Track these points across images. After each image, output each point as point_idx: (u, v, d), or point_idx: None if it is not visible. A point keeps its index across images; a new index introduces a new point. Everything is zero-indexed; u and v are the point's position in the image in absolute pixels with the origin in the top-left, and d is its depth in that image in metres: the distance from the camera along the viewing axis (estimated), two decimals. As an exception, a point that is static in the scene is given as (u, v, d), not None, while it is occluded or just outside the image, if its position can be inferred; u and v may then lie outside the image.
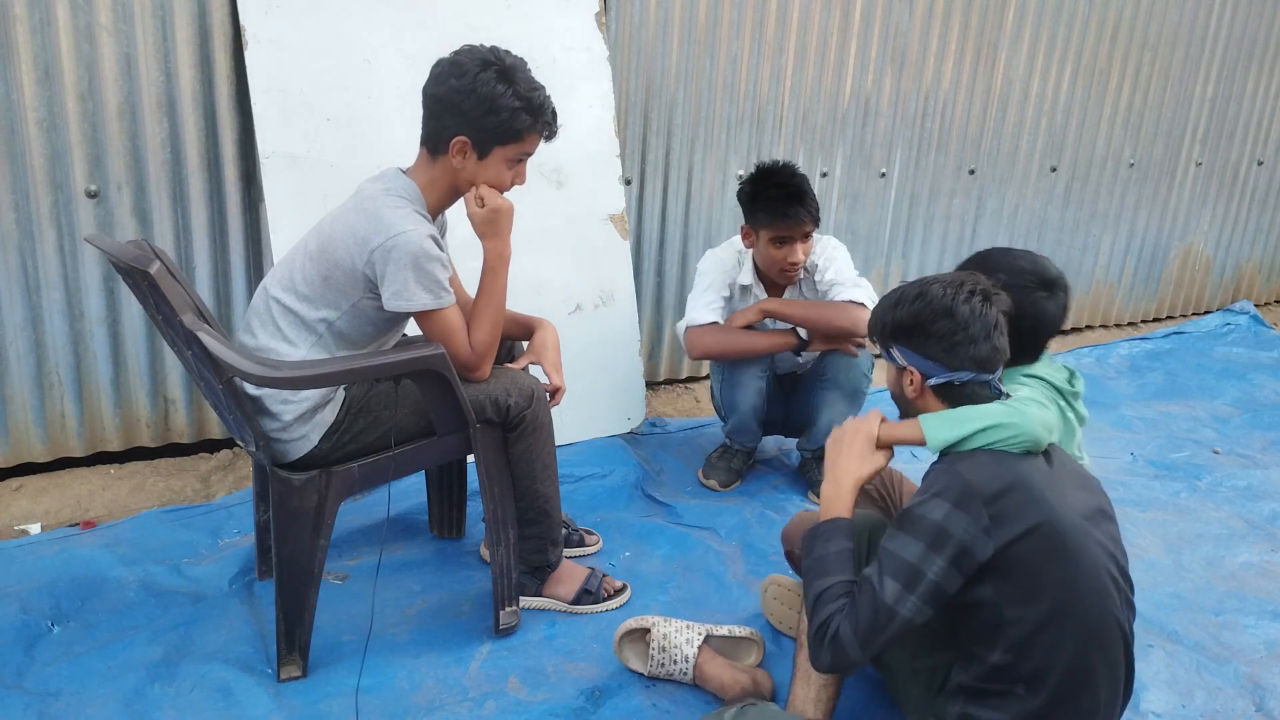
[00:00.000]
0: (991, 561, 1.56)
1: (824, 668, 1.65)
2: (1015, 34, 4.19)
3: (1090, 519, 1.64)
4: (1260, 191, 5.33)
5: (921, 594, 1.57)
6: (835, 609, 1.62)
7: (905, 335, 1.73)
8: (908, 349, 1.73)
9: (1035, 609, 1.56)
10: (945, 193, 4.27)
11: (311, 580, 2.05)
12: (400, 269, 1.95)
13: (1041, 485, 1.58)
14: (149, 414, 2.96)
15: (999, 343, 1.70)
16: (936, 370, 1.70)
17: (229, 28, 2.76)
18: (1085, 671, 1.58)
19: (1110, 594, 1.61)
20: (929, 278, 1.77)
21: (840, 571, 1.67)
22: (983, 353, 1.68)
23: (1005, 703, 1.61)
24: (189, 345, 1.88)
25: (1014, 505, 1.55)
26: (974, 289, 1.71)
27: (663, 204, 3.63)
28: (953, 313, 1.68)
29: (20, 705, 1.95)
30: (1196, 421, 3.84)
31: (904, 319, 1.73)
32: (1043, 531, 1.55)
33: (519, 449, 2.20)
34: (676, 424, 3.50)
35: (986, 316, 1.69)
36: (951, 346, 1.68)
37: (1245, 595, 2.63)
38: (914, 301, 1.72)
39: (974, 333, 1.67)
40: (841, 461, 1.78)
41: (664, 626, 2.14)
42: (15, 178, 2.62)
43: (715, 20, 3.49)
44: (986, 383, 1.71)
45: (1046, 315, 1.99)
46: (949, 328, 1.68)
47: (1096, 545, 1.61)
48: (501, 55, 2.01)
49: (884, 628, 1.58)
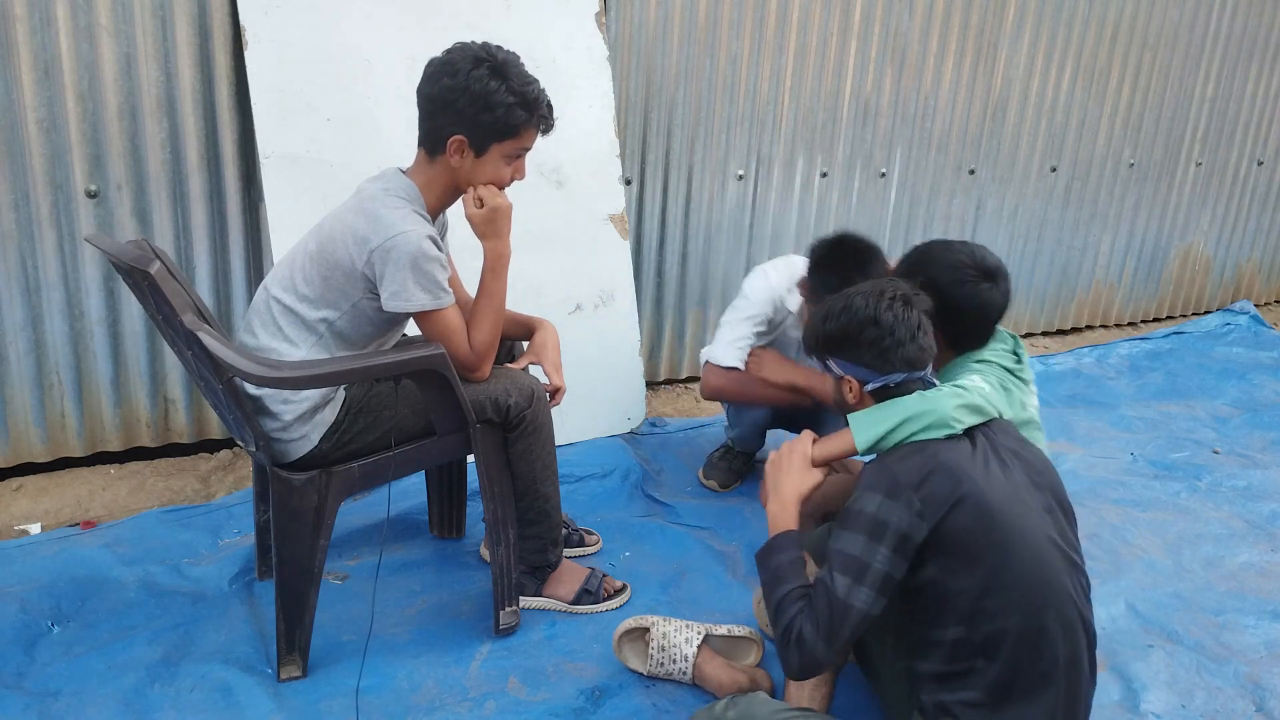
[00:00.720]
0: (928, 541, 1.64)
1: (795, 671, 1.70)
2: (1015, 34, 4.19)
3: (1026, 486, 1.71)
4: (1260, 191, 5.33)
5: (871, 584, 1.64)
6: (795, 611, 1.70)
7: (838, 347, 1.84)
8: (842, 359, 1.84)
9: (975, 576, 1.63)
10: (945, 193, 4.27)
11: (311, 580, 2.05)
12: (399, 269, 1.95)
13: (962, 463, 1.67)
14: (149, 414, 2.96)
15: (924, 342, 1.81)
16: (871, 376, 1.81)
17: (229, 28, 2.76)
18: (1037, 630, 1.62)
19: (1049, 553, 1.66)
20: (851, 289, 1.87)
21: (795, 578, 1.75)
22: (910, 353, 1.79)
23: (970, 680, 1.66)
24: (189, 345, 1.88)
25: (938, 486, 1.64)
26: (894, 295, 1.82)
27: (663, 204, 3.63)
28: (878, 320, 1.78)
29: (20, 705, 1.95)
30: (1196, 421, 3.84)
31: (834, 332, 1.83)
32: (968, 503, 1.63)
33: (519, 449, 2.20)
34: (676, 424, 3.50)
35: (910, 319, 1.80)
36: (881, 352, 1.78)
37: (1245, 595, 2.63)
38: (840, 315, 1.83)
39: (900, 336, 1.78)
40: (782, 481, 1.88)
41: (663, 626, 2.14)
42: (15, 178, 2.62)
43: (715, 20, 3.49)
44: (919, 379, 1.82)
45: (991, 303, 2.09)
46: (876, 335, 1.78)
47: (1027, 509, 1.68)
48: (493, 51, 2.00)
49: (842, 622, 1.64)
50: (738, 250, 3.82)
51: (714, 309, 3.84)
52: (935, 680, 1.71)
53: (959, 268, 2.08)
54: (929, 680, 1.72)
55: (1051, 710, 1.64)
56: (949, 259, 2.11)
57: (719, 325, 2.85)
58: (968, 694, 1.66)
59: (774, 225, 3.86)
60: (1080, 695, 1.69)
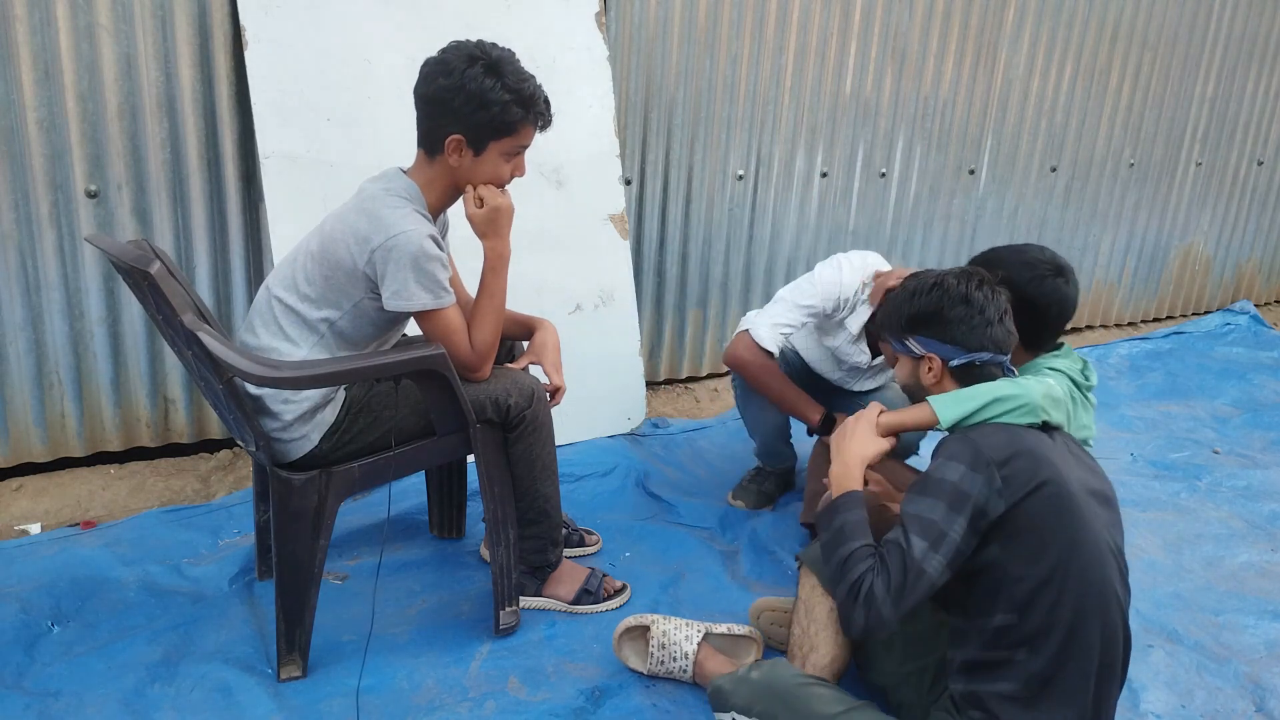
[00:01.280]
0: (1000, 521, 1.64)
1: (858, 629, 1.69)
2: (1015, 34, 4.19)
3: (1093, 494, 1.71)
4: (1260, 191, 5.33)
5: (945, 553, 1.64)
6: (865, 569, 1.69)
7: (924, 324, 1.86)
8: (926, 336, 1.87)
9: (1039, 566, 1.62)
10: (945, 193, 4.27)
11: (311, 580, 2.05)
12: (400, 269, 1.95)
13: (1047, 451, 1.68)
14: (149, 414, 2.96)
15: (1010, 325, 1.86)
16: (957, 353, 1.83)
17: (229, 28, 2.76)
18: (1085, 630, 1.63)
19: (1109, 562, 1.67)
20: (935, 271, 1.91)
21: (862, 536, 1.75)
22: (999, 334, 1.83)
23: (1008, 671, 1.65)
24: (189, 345, 1.88)
25: (1022, 467, 1.64)
26: (983, 279, 1.87)
27: (663, 204, 3.63)
28: (969, 299, 1.83)
29: (20, 705, 1.95)
30: (1196, 421, 3.84)
31: (923, 308, 1.86)
32: (1049, 490, 1.63)
33: (519, 449, 2.20)
34: (677, 424, 3.50)
35: (998, 302, 1.85)
36: (970, 330, 1.82)
37: (1245, 595, 2.63)
38: (931, 291, 1.87)
39: (989, 315, 1.82)
40: (846, 445, 1.89)
41: (663, 624, 2.14)
42: (15, 178, 2.62)
43: (715, 20, 3.49)
44: (1001, 364, 1.85)
45: (1067, 299, 2.13)
46: (966, 313, 1.82)
47: (1096, 516, 1.68)
48: (488, 49, 2.00)
49: (914, 586, 1.64)
50: (738, 250, 3.82)
51: (714, 309, 3.84)
52: (968, 670, 1.70)
53: (1034, 264, 2.12)
54: (960, 670, 1.71)
55: (1081, 712, 1.64)
56: (1022, 257, 2.14)
57: (776, 297, 2.68)
58: (1004, 685, 1.65)
59: (774, 225, 3.87)
60: (1109, 702, 1.69)
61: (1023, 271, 2.10)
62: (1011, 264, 2.12)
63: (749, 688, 1.77)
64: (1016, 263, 2.12)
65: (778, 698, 1.74)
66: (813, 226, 3.95)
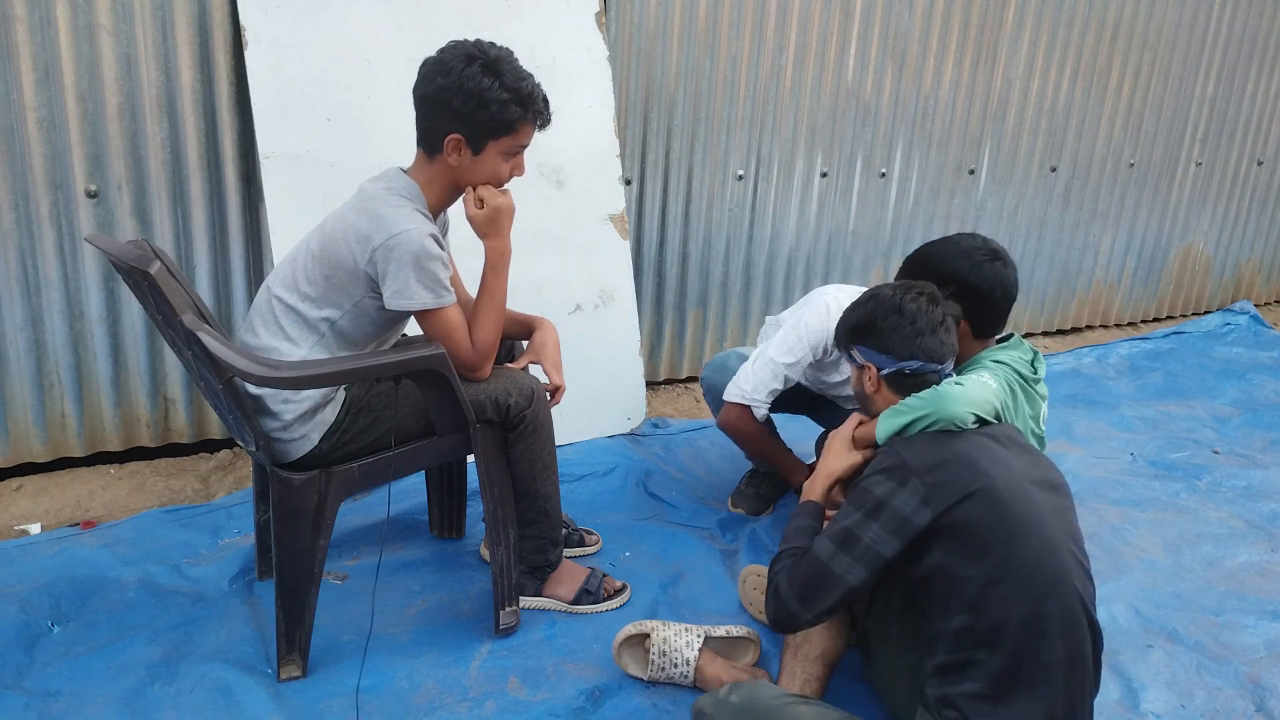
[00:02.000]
0: (934, 528, 1.68)
1: (771, 620, 1.83)
2: (1015, 34, 4.19)
3: (1036, 484, 1.74)
4: (1260, 191, 5.33)
5: (855, 554, 1.72)
6: (780, 567, 1.83)
7: (861, 334, 1.93)
8: (864, 346, 1.93)
9: (984, 565, 1.66)
10: (945, 193, 4.27)
11: (311, 580, 2.05)
12: (402, 268, 1.95)
13: (979, 455, 1.72)
14: (149, 414, 2.96)
15: (945, 337, 1.89)
16: (888, 362, 1.89)
17: (229, 28, 2.76)
18: (1040, 621, 1.64)
19: (1062, 550, 1.68)
20: (881, 284, 1.99)
21: (800, 540, 1.87)
22: (930, 345, 1.87)
23: (972, 671, 1.67)
24: (189, 345, 1.88)
25: (950, 475, 1.69)
26: (921, 291, 1.92)
27: (663, 204, 3.63)
28: (900, 309, 1.88)
29: (20, 705, 1.95)
30: (1196, 421, 3.84)
31: (860, 319, 1.94)
32: (982, 495, 1.67)
33: (519, 449, 2.20)
34: (677, 424, 3.50)
35: (932, 313, 1.88)
36: (901, 339, 1.87)
37: (1245, 595, 2.63)
38: (867, 303, 1.94)
39: (920, 326, 1.86)
40: (823, 461, 2.03)
41: (663, 631, 2.14)
42: (15, 178, 2.62)
43: (715, 20, 3.49)
44: (935, 372, 1.89)
45: (1009, 281, 2.17)
46: (898, 322, 1.87)
47: (1041, 506, 1.71)
48: (486, 48, 2.00)
49: (819, 583, 1.75)
50: (738, 250, 3.82)
51: (714, 309, 3.84)
52: (939, 673, 1.72)
53: (970, 252, 2.16)
54: (934, 674, 1.73)
55: (1051, 707, 1.64)
56: (958, 247, 2.19)
57: (762, 355, 2.58)
58: (970, 685, 1.67)
59: (774, 225, 3.86)
60: (1083, 695, 1.69)
61: (960, 261, 2.15)
62: (948, 255, 2.17)
63: (730, 711, 1.77)
64: (953, 253, 2.17)
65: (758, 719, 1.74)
66: (813, 226, 3.95)
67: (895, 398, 1.90)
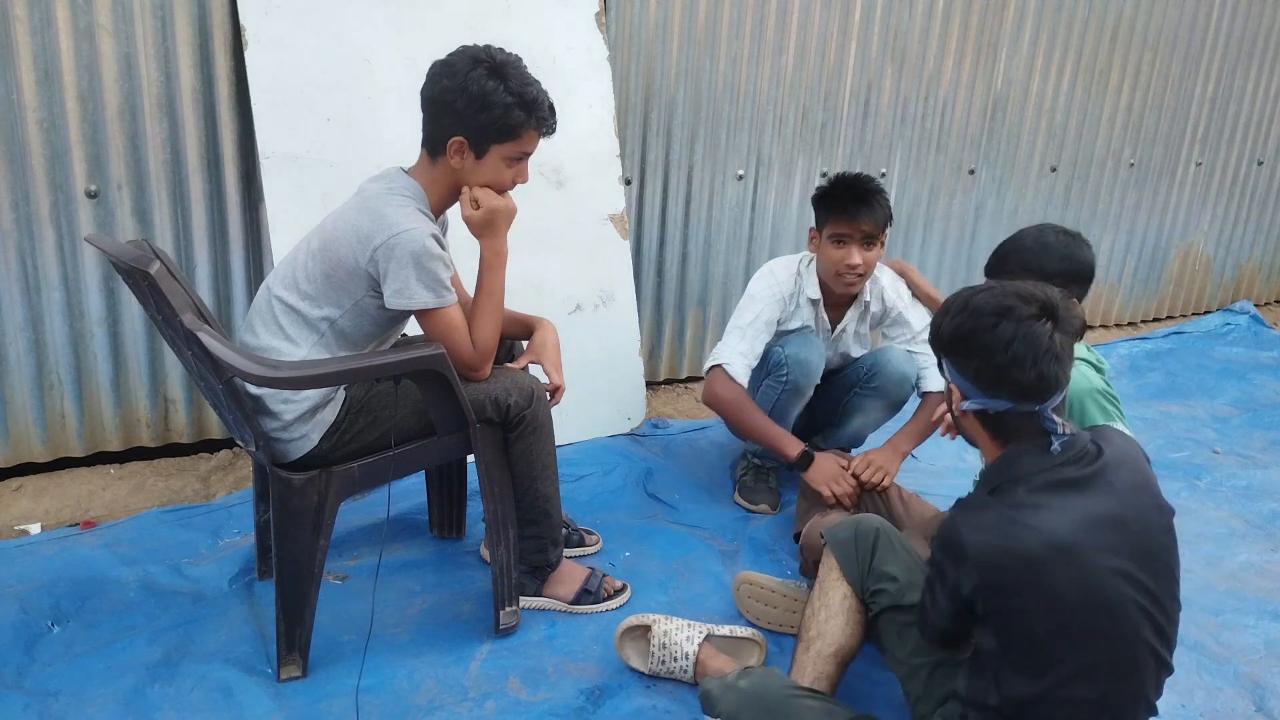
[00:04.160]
0: (985, 616, 1.52)
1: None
2: (1015, 34, 4.19)
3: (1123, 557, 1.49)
4: (1260, 191, 5.33)
5: (936, 612, 1.65)
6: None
7: (950, 349, 1.59)
8: (952, 365, 1.60)
9: (1039, 683, 1.49)
10: (945, 193, 4.27)
11: (311, 580, 2.05)
12: (402, 267, 1.95)
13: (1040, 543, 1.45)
14: (149, 414, 2.96)
15: (1048, 369, 1.48)
16: (972, 391, 1.55)
17: (229, 28, 2.76)
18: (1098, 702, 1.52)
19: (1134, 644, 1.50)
20: (982, 286, 1.61)
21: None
22: (1027, 379, 1.48)
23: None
24: (189, 345, 1.88)
25: (1003, 584, 1.47)
26: (1030, 299, 1.50)
27: (663, 204, 3.63)
28: (996, 329, 1.49)
29: (20, 705, 1.95)
30: (1196, 421, 3.84)
31: (949, 331, 1.57)
32: (1041, 613, 1.47)
33: (519, 449, 2.20)
34: (677, 424, 3.50)
35: (1036, 336, 1.47)
36: (990, 369, 1.50)
37: (1245, 595, 2.63)
38: (959, 312, 1.55)
39: (1018, 354, 1.47)
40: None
41: (665, 624, 2.14)
42: (15, 178, 2.62)
43: (715, 20, 3.49)
44: (1030, 414, 1.52)
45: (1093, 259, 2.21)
46: (989, 346, 1.49)
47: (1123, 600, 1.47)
48: (493, 53, 2.00)
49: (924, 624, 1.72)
50: (738, 250, 3.82)
51: (714, 309, 3.84)
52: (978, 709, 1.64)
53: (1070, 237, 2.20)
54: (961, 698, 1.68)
55: None
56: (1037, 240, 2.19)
57: (727, 329, 2.80)
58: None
59: (774, 225, 3.86)
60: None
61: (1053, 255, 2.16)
62: (1041, 253, 2.17)
63: (736, 695, 1.76)
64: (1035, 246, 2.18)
65: (765, 709, 1.73)
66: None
67: (983, 432, 1.60)
